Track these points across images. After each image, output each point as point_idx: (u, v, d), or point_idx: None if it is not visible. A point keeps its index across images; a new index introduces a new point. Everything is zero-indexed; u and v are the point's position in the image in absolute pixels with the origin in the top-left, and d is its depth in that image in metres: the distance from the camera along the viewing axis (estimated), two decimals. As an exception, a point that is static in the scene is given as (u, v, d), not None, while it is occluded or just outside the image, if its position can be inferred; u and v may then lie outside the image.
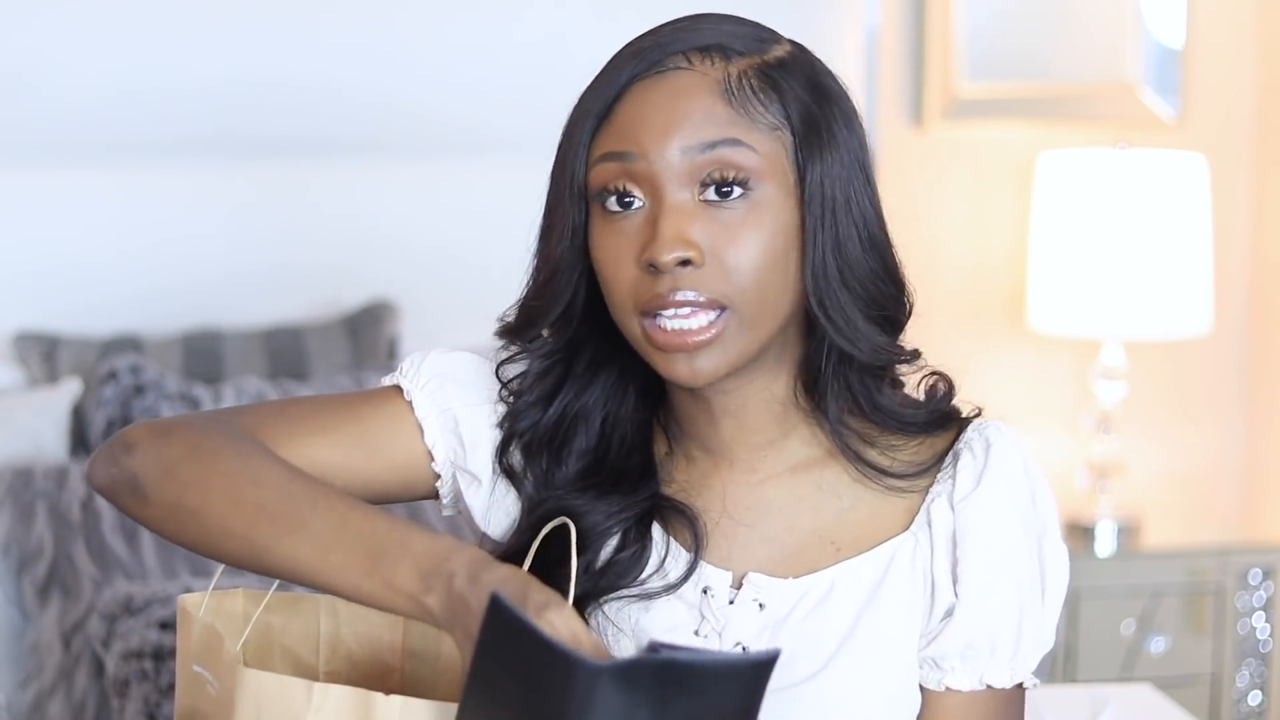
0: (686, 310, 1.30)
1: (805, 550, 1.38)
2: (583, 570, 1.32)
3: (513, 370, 1.42)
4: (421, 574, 1.21)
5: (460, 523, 1.52)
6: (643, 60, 1.33)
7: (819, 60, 1.38)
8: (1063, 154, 3.25)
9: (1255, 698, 3.27)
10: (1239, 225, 3.48)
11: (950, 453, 1.39)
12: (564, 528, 1.27)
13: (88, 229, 2.96)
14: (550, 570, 1.27)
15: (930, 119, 3.35)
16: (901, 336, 1.39)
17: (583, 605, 1.36)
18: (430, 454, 1.42)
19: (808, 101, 1.34)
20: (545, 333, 1.40)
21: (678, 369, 1.32)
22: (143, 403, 2.72)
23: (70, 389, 2.80)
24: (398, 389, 1.43)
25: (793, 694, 1.33)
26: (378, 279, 3.03)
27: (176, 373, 2.83)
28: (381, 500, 1.40)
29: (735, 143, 1.31)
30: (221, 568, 1.35)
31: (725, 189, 1.31)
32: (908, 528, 1.38)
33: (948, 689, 1.37)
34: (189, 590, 2.25)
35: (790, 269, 1.33)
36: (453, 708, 1.20)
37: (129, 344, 2.87)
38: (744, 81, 1.32)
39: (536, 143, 1.62)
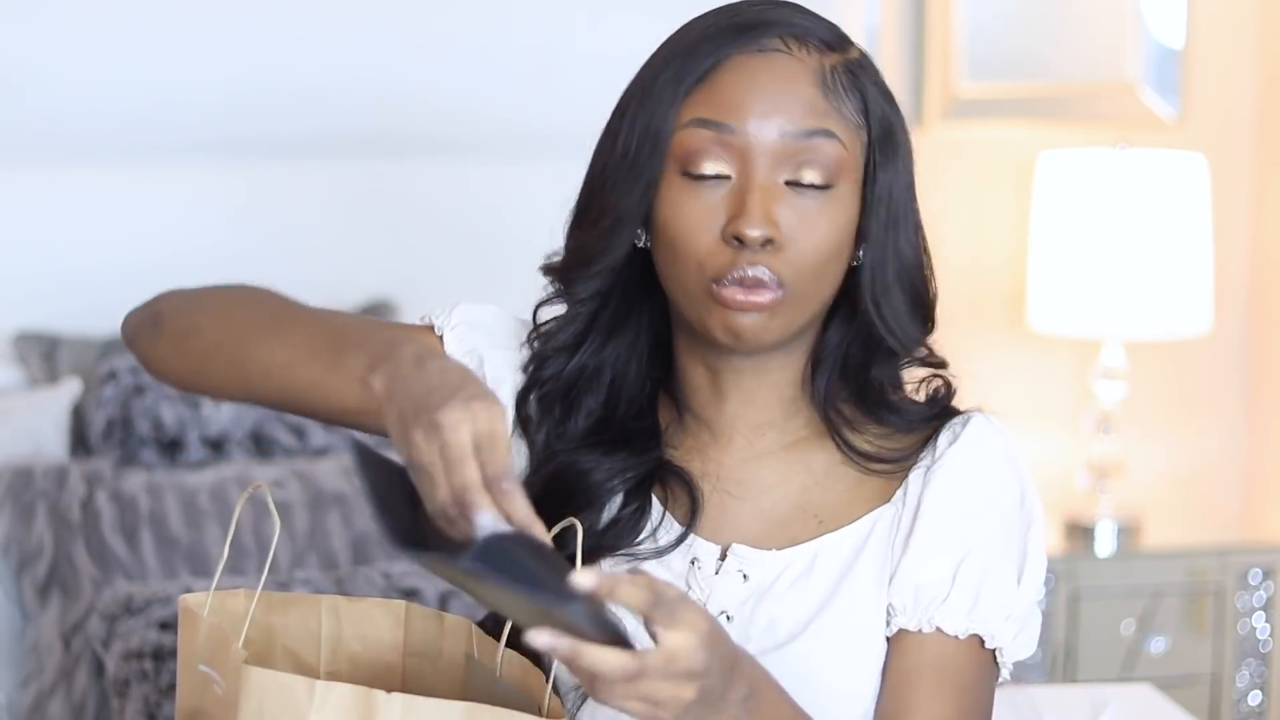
0: (754, 285, 1.35)
1: (790, 523, 1.42)
2: (586, 527, 1.36)
3: (547, 314, 1.47)
4: (372, 359, 1.28)
5: None
6: (745, 36, 1.37)
7: None
8: (1063, 154, 3.25)
9: (1255, 698, 3.26)
10: (1239, 225, 3.48)
11: (934, 436, 1.43)
12: (572, 528, 1.29)
13: (88, 229, 2.96)
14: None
15: (930, 119, 3.35)
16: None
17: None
18: None
19: (884, 105, 1.41)
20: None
21: (731, 325, 1.36)
22: (142, 403, 2.72)
23: (70, 389, 2.80)
24: (429, 328, 1.47)
25: (770, 658, 1.36)
26: (378, 279, 3.03)
27: (176, 373, 2.83)
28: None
29: (829, 134, 1.37)
30: (222, 565, 1.36)
31: (811, 178, 1.36)
32: (889, 500, 1.42)
33: (900, 630, 1.38)
34: (189, 590, 2.25)
35: (840, 264, 1.39)
36: (455, 706, 1.20)
37: (129, 344, 2.86)
38: (836, 76, 1.38)
39: (537, 144, 1.63)
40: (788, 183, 1.36)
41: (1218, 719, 3.24)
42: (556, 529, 1.30)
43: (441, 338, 1.46)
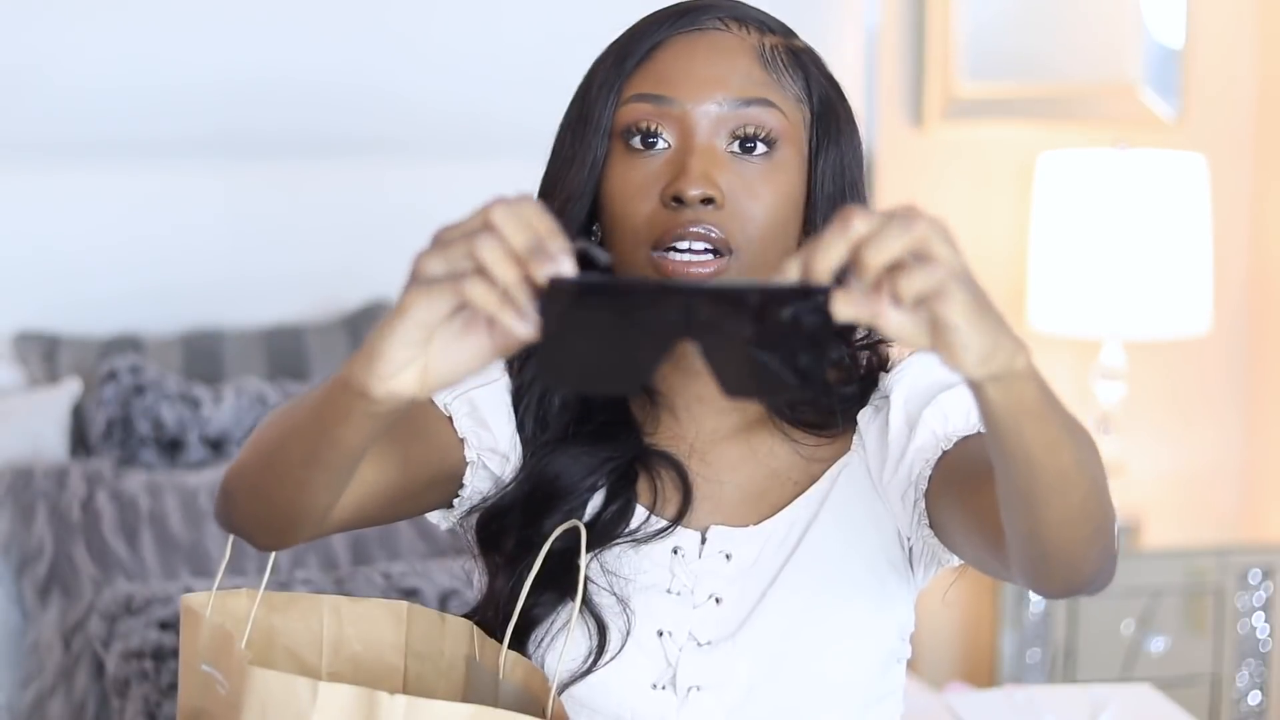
0: (700, 245, 1.37)
1: (766, 493, 1.45)
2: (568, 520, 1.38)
3: None
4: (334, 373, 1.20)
5: (450, 536, 1.55)
6: (685, 18, 1.42)
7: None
8: (1063, 154, 3.25)
9: (1255, 698, 3.26)
10: (1239, 225, 3.48)
11: (877, 387, 1.46)
12: (574, 530, 1.29)
13: (88, 229, 2.96)
14: (563, 564, 1.35)
15: (930, 119, 3.35)
16: None
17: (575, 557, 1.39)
18: (464, 442, 1.45)
19: (827, 88, 1.44)
20: None
21: None
22: (143, 403, 2.72)
23: (70, 389, 2.80)
24: None
25: (763, 599, 1.39)
26: (378, 279, 3.03)
27: (176, 373, 2.83)
28: (415, 488, 1.41)
29: (767, 104, 1.40)
30: (223, 567, 1.36)
31: (751, 144, 1.39)
32: (849, 449, 1.45)
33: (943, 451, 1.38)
34: (190, 590, 2.25)
35: (790, 234, 1.41)
36: (462, 709, 1.20)
37: (129, 344, 2.86)
38: (776, 52, 1.42)
39: (537, 143, 1.63)
40: (731, 152, 1.39)
41: (1217, 719, 3.24)
42: (558, 531, 1.31)
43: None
